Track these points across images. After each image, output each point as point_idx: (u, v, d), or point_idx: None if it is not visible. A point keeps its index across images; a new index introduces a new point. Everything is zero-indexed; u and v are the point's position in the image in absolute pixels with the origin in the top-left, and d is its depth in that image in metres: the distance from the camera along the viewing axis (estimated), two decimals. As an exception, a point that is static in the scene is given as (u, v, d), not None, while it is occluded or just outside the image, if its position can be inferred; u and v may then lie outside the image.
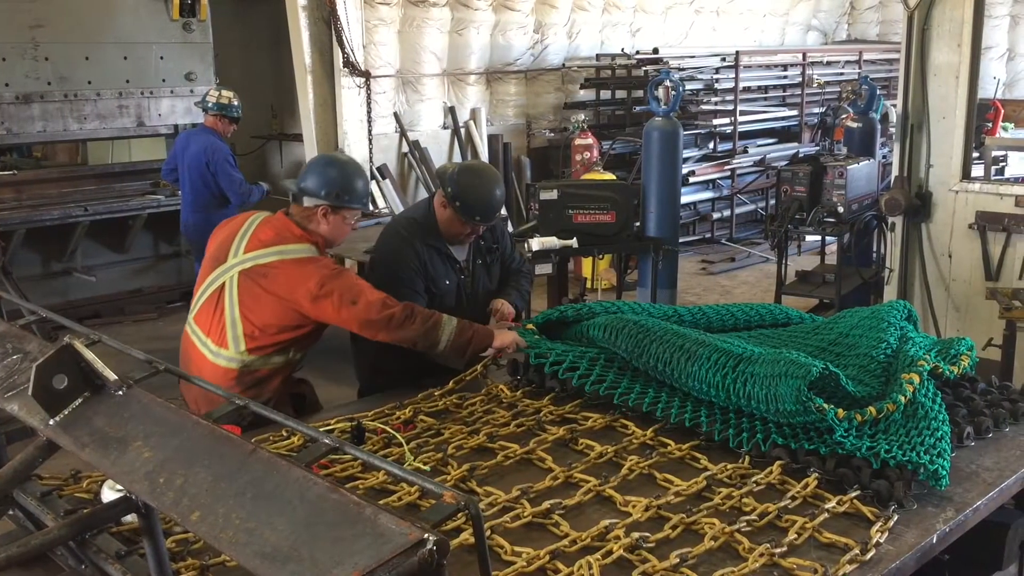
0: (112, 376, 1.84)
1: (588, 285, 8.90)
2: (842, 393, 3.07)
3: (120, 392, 1.84)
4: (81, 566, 2.23)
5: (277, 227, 3.59)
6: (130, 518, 2.30)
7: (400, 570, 1.29)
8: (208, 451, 1.62)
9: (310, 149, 9.79)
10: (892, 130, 9.96)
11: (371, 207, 3.79)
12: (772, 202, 11.25)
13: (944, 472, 2.77)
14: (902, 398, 3.03)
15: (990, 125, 10.89)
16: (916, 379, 3.11)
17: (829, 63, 13.42)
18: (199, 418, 1.72)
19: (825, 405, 2.87)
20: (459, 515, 1.45)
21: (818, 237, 8.60)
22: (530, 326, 3.89)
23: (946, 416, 3.08)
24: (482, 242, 4.12)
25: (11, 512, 2.42)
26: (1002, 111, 11.52)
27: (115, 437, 1.73)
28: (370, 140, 10.00)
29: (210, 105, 7.50)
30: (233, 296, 3.51)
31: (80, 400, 1.84)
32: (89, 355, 1.82)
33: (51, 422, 1.82)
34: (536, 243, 6.45)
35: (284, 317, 3.49)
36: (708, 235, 11.69)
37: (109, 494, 2.50)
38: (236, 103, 7.58)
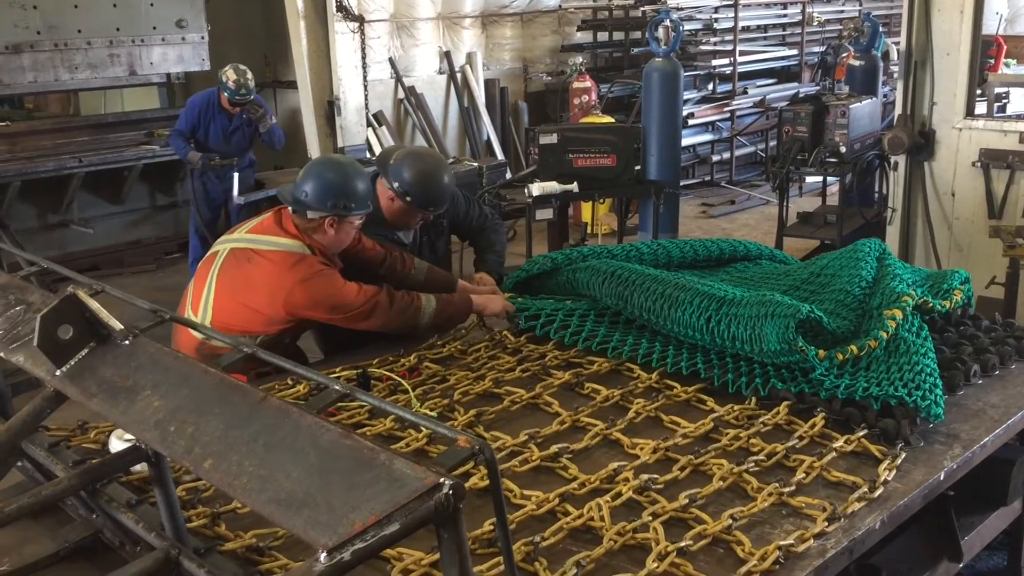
0: (118, 326, 1.82)
1: (588, 230, 8.87)
2: (825, 333, 3.10)
3: (126, 342, 1.82)
4: (92, 515, 2.24)
5: (277, 219, 3.47)
6: (138, 468, 2.31)
7: (416, 514, 1.28)
8: (218, 399, 1.60)
9: (305, 96, 9.67)
10: (893, 68, 9.86)
11: (370, 206, 3.58)
12: (772, 144, 11.17)
13: (925, 403, 2.78)
14: (883, 334, 3.06)
15: (992, 61, 10.74)
16: (899, 315, 3.13)
17: (829, 0, 13.21)
18: (208, 367, 1.70)
19: (807, 346, 2.92)
20: (471, 460, 1.44)
21: (819, 178, 8.54)
22: (508, 295, 3.88)
23: (930, 347, 3.07)
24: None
25: (20, 463, 2.42)
26: (1004, 47, 11.35)
27: (123, 387, 1.72)
28: (365, 86, 9.87)
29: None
30: (217, 267, 3.45)
31: (86, 350, 1.82)
32: (94, 305, 1.80)
33: (58, 373, 1.80)
34: (536, 188, 6.39)
35: (254, 306, 3.36)
36: (708, 178, 11.61)
37: (117, 444, 2.50)
38: (226, 81, 7.25)
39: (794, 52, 12.47)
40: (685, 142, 10.05)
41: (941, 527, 2.87)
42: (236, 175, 7.61)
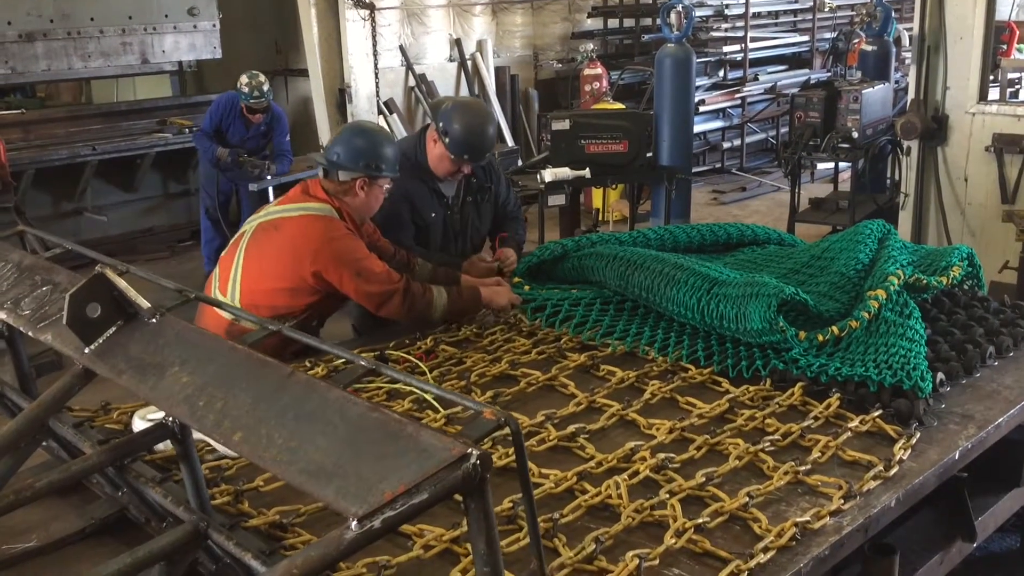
0: (145, 304, 1.84)
1: (600, 216, 8.88)
2: (813, 315, 3.15)
3: (153, 320, 1.84)
4: (118, 493, 2.28)
5: (305, 187, 3.54)
6: (161, 447, 2.34)
7: (445, 483, 1.31)
8: (246, 374, 1.63)
9: (316, 84, 9.69)
10: (905, 54, 9.82)
11: (398, 172, 3.65)
12: (783, 130, 11.14)
13: (893, 382, 2.79)
14: (865, 315, 3.09)
15: (1005, 47, 10.68)
16: (882, 295, 3.15)
17: (840, -14, 13.18)
18: (234, 343, 1.73)
19: (787, 326, 2.97)
20: (497, 431, 1.46)
21: (831, 164, 8.52)
22: (517, 279, 3.91)
23: (916, 328, 3.07)
24: (474, 180, 4.05)
25: (45, 443, 2.45)
26: (1017, 32, 11.29)
27: (152, 363, 1.75)
28: (376, 74, 9.88)
29: None
30: (245, 243, 3.48)
31: (114, 328, 1.85)
32: (121, 284, 1.83)
33: (87, 350, 1.83)
34: (548, 174, 6.40)
35: (282, 274, 3.39)
36: (718, 165, 11.60)
37: (140, 424, 2.54)
38: (240, 87, 7.44)
39: (805, 38, 12.44)
40: (696, 129, 10.03)
41: (955, 507, 2.89)
42: (270, 176, 7.70)
